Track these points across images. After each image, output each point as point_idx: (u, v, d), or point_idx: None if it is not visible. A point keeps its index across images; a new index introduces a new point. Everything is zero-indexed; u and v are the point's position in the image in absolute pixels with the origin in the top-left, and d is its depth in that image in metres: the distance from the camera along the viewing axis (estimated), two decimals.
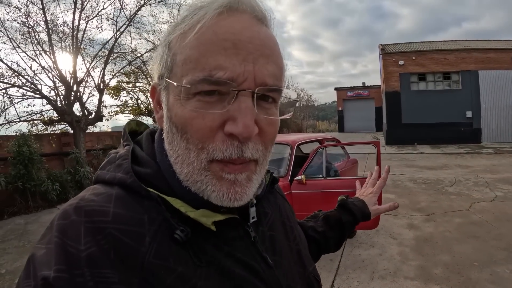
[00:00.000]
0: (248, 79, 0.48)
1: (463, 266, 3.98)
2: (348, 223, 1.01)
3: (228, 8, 0.50)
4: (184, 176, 0.52)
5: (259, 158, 0.53)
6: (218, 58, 0.47)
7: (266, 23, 0.55)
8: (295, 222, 0.80)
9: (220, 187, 0.51)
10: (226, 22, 0.49)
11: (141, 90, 14.35)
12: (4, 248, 5.42)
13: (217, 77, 0.47)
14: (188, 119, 0.49)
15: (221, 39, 0.48)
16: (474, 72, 18.68)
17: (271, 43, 0.53)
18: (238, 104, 0.48)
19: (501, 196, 7.09)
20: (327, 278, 3.92)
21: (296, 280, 0.67)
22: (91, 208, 0.48)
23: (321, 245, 0.99)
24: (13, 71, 9.23)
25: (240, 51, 0.48)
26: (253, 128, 0.48)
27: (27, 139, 7.87)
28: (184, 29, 0.51)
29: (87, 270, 0.43)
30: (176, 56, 0.51)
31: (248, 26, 0.50)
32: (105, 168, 0.58)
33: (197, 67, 0.48)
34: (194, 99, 0.49)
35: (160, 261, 0.48)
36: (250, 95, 0.49)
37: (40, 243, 0.47)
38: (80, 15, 10.06)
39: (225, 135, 0.48)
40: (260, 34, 0.51)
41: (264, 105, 0.52)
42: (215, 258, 0.53)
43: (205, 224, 0.53)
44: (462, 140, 18.58)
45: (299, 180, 4.31)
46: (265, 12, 0.55)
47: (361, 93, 34.90)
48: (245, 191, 0.53)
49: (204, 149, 0.49)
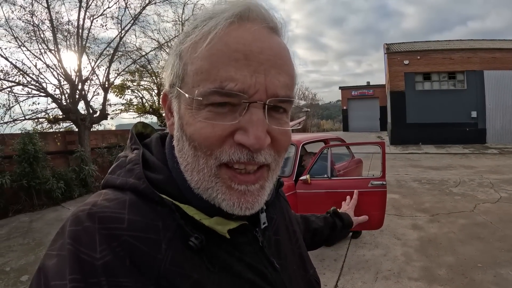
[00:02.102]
0: (260, 90, 0.48)
1: (467, 268, 3.96)
2: (339, 227, 1.17)
3: (239, 18, 0.50)
4: (195, 183, 0.52)
5: (272, 163, 0.53)
6: (229, 70, 0.47)
7: (277, 32, 0.54)
8: (296, 225, 0.82)
9: (231, 196, 0.51)
10: (237, 32, 0.49)
11: (146, 89, 14.40)
12: (9, 245, 5.46)
13: (228, 88, 0.46)
14: (198, 128, 0.49)
15: (232, 50, 0.47)
16: (479, 72, 18.53)
17: (283, 53, 0.53)
18: (250, 116, 0.48)
19: (505, 197, 7.04)
20: (331, 278, 3.92)
21: (299, 283, 0.69)
22: (105, 215, 0.48)
23: (316, 236, 1.12)
24: (18, 70, 9.29)
25: (251, 62, 0.48)
26: (264, 140, 0.48)
27: (32, 137, 7.92)
28: (195, 39, 0.50)
29: (104, 279, 0.43)
30: (187, 66, 0.51)
31: (259, 36, 0.50)
32: (115, 173, 0.58)
33: (208, 78, 0.48)
34: (205, 110, 0.49)
35: (176, 268, 0.48)
36: (262, 107, 0.49)
37: (51, 250, 0.47)
38: (85, 13, 10.10)
39: (235, 143, 0.48)
40: (272, 44, 0.51)
41: (275, 115, 0.52)
42: (227, 263, 0.54)
43: (220, 232, 0.54)
44: (467, 140, 18.45)
45: (304, 180, 4.30)
46: (276, 21, 0.54)
47: (365, 92, 34.72)
48: (256, 200, 0.53)
49: (212, 155, 0.49)
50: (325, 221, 1.14)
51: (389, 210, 6.15)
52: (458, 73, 19.32)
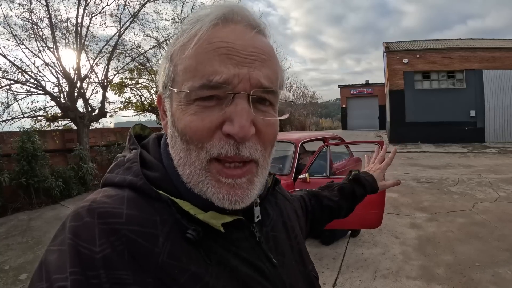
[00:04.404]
0: (243, 80, 0.51)
1: (465, 267, 3.97)
2: (360, 195, 1.11)
3: (223, 19, 0.53)
4: (187, 177, 0.55)
5: (259, 159, 0.55)
6: (214, 64, 0.50)
7: (262, 32, 0.57)
8: (295, 221, 0.83)
9: (220, 189, 0.53)
10: (221, 32, 0.52)
11: (145, 87, 14.34)
12: (8, 244, 5.46)
13: (214, 81, 0.50)
14: (188, 122, 0.52)
15: (216, 48, 0.51)
16: (478, 71, 18.55)
17: (266, 49, 0.55)
18: (235, 106, 0.50)
19: (504, 196, 7.06)
20: (330, 276, 3.93)
21: (298, 278, 0.70)
22: (104, 210, 0.49)
23: (334, 213, 1.07)
24: (16, 68, 9.26)
25: (234, 57, 0.51)
26: (248, 129, 0.50)
27: (30, 135, 7.91)
28: (183, 42, 0.54)
29: (103, 271, 0.44)
30: (177, 66, 0.54)
31: (242, 35, 0.53)
32: (113, 172, 0.59)
33: (196, 75, 0.51)
34: (194, 105, 0.52)
35: (174, 261, 0.49)
36: (246, 98, 0.51)
37: (52, 245, 0.48)
38: (84, 11, 10.06)
39: (223, 135, 0.51)
40: (255, 42, 0.54)
41: (261, 108, 0.55)
42: (224, 258, 0.56)
43: (215, 226, 0.55)
44: (466, 140, 18.47)
45: (302, 179, 4.30)
46: (260, 22, 0.57)
47: (365, 91, 34.73)
48: (246, 194, 0.54)
49: (204, 148, 0.52)
50: (341, 192, 1.08)
51: (388, 209, 6.15)
52: (457, 72, 19.33)
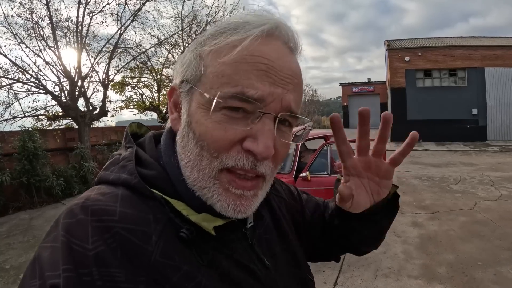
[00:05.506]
0: (276, 100, 0.52)
1: (467, 266, 3.96)
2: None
3: (266, 33, 0.54)
4: (193, 180, 0.55)
5: (268, 176, 0.57)
6: (251, 77, 0.51)
7: (295, 52, 0.60)
8: (290, 222, 0.81)
9: (227, 197, 0.54)
10: (264, 47, 0.53)
11: (146, 85, 14.36)
12: (9, 243, 5.47)
13: (249, 95, 0.50)
14: (209, 128, 0.52)
15: (256, 62, 0.51)
16: (480, 69, 18.51)
17: (299, 73, 0.58)
18: (262, 125, 0.51)
19: (506, 195, 7.04)
20: (331, 275, 3.92)
21: (291, 280, 0.70)
22: (98, 207, 0.49)
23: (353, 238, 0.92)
24: (17, 67, 9.27)
25: (272, 75, 0.52)
26: (272, 150, 0.52)
27: (31, 134, 7.93)
28: (220, 45, 0.53)
29: (95, 269, 0.43)
30: (208, 68, 0.54)
31: (282, 55, 0.54)
32: (108, 169, 0.59)
33: (229, 82, 0.51)
34: (220, 112, 0.51)
35: (167, 260, 0.49)
36: (273, 118, 0.53)
37: (45, 242, 0.48)
38: (85, 10, 10.08)
39: (243, 149, 0.52)
40: (291, 64, 0.56)
41: (282, 128, 0.56)
42: (216, 259, 0.55)
43: (206, 228, 0.54)
44: (468, 138, 18.45)
45: (303, 177, 4.29)
46: (298, 42, 0.59)
47: (366, 89, 34.71)
48: (250, 206, 0.56)
49: (218, 158, 0.52)
50: None
51: None
52: (459, 70, 19.30)
